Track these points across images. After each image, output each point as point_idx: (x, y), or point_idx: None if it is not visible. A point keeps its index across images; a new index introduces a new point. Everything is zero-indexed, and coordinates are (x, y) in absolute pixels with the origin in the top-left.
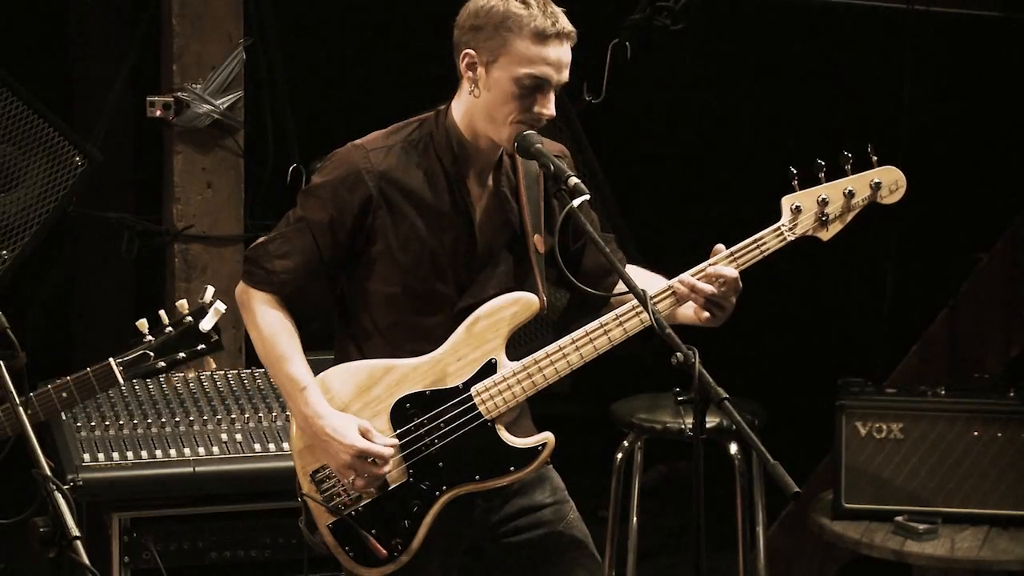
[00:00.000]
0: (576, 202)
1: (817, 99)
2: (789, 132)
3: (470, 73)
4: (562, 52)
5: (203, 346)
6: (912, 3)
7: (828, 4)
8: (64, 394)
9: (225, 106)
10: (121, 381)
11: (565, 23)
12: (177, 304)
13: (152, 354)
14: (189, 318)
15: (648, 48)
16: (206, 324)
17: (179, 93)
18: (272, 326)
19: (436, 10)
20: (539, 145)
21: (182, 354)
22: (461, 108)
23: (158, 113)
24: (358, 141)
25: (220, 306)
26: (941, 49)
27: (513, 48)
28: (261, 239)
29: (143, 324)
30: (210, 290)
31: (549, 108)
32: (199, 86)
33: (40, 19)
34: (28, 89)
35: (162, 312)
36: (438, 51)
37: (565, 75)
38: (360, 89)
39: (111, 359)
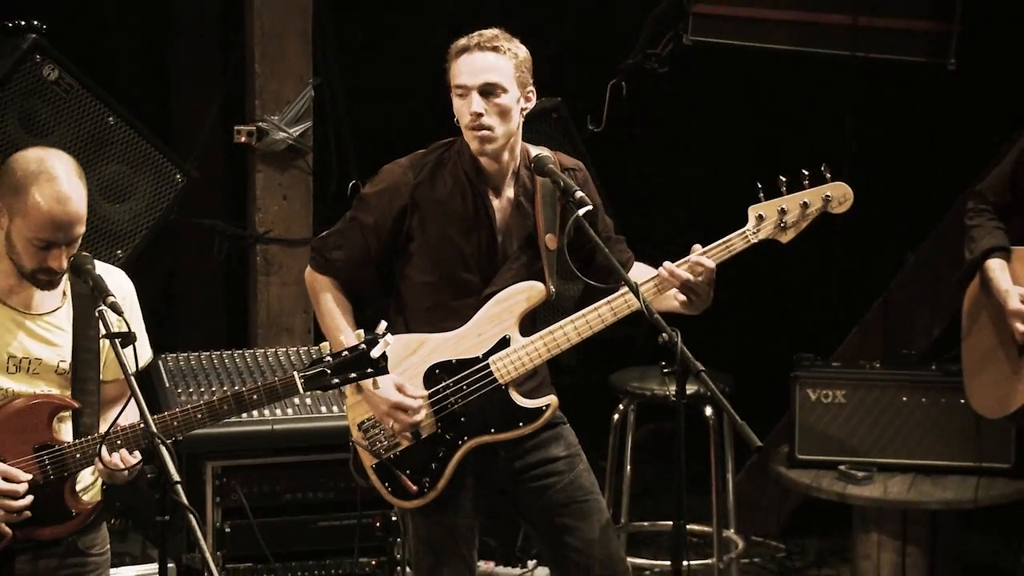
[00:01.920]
0: (581, 211)
1: (777, 126)
2: (755, 152)
3: None
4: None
5: (371, 369)
6: (854, 51)
7: (787, 51)
8: (255, 396)
9: (297, 134)
10: (301, 391)
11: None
12: (355, 332)
13: (330, 372)
14: (363, 345)
15: (640, 87)
16: (376, 352)
17: (260, 123)
18: (330, 303)
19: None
20: (551, 165)
21: (353, 374)
22: None
23: (243, 139)
24: (400, 160)
25: (390, 338)
26: (878, 87)
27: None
28: (324, 233)
29: (325, 347)
30: (383, 324)
31: (472, 113)
32: (276, 117)
33: (146, 63)
34: (138, 119)
35: (334, 334)
36: None
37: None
38: (407, 119)
39: (295, 373)
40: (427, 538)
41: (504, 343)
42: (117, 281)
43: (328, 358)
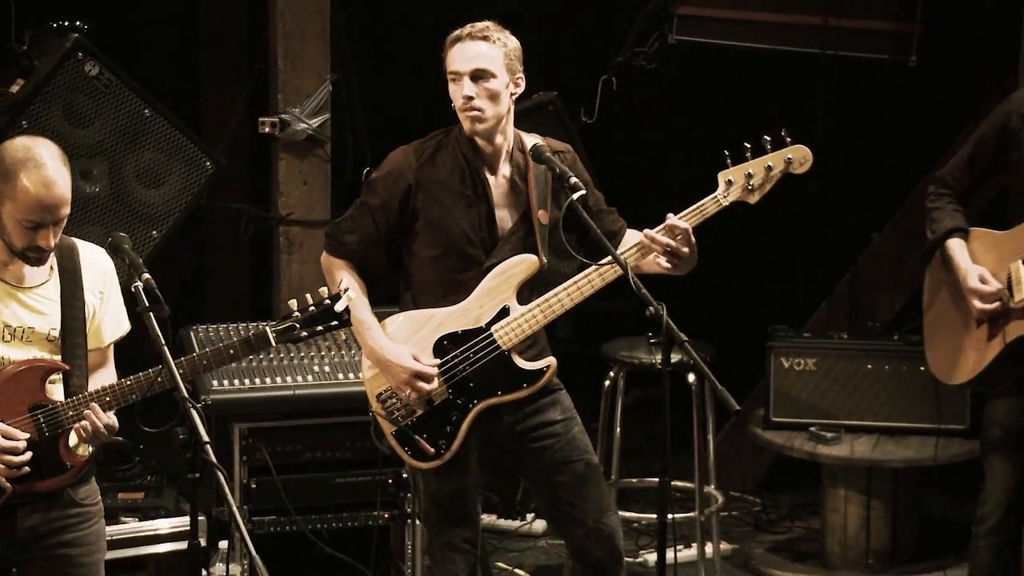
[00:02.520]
0: (575, 196)
1: (754, 117)
2: (733, 139)
3: None
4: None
5: (336, 323)
6: (825, 50)
7: (764, 49)
8: (231, 351)
9: (316, 125)
10: (273, 345)
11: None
12: (319, 290)
13: (299, 326)
14: (328, 301)
15: (629, 82)
16: (339, 307)
17: (282, 115)
18: (344, 282)
19: None
20: (547, 154)
21: (319, 327)
22: None
23: (267, 130)
24: (403, 146)
25: (351, 294)
26: (846, 82)
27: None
28: (336, 220)
29: (293, 303)
30: (345, 282)
31: (464, 96)
32: (297, 110)
33: (179, 60)
34: (171, 111)
35: (308, 295)
36: None
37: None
38: (416, 110)
39: (267, 327)
40: (436, 495)
41: (504, 312)
42: (98, 258)
43: (296, 313)
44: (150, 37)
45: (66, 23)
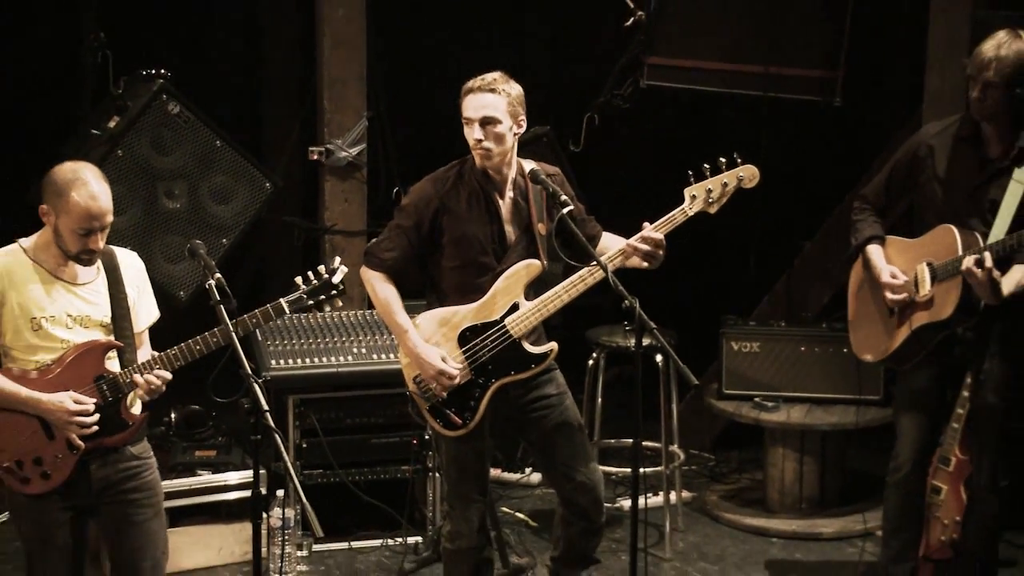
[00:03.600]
0: (565, 211)
1: (709, 144)
2: (692, 163)
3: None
4: (476, 104)
5: (335, 292)
6: (766, 91)
7: (717, 91)
8: (254, 320)
9: (355, 153)
10: (287, 313)
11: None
12: (319, 268)
13: (305, 297)
14: (326, 275)
15: (609, 118)
16: (336, 279)
17: (328, 145)
18: (385, 293)
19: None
20: (542, 176)
21: (322, 297)
22: None
23: (315, 157)
24: (426, 178)
25: (344, 268)
26: (783, 118)
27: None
28: (374, 240)
29: (299, 279)
30: (338, 259)
31: (475, 139)
32: (339, 141)
33: (244, 101)
34: (237, 142)
35: (310, 272)
36: None
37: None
38: (435, 141)
39: (281, 299)
40: (456, 456)
41: (515, 308)
42: (132, 260)
43: (303, 286)
44: (221, 81)
45: (153, 71)
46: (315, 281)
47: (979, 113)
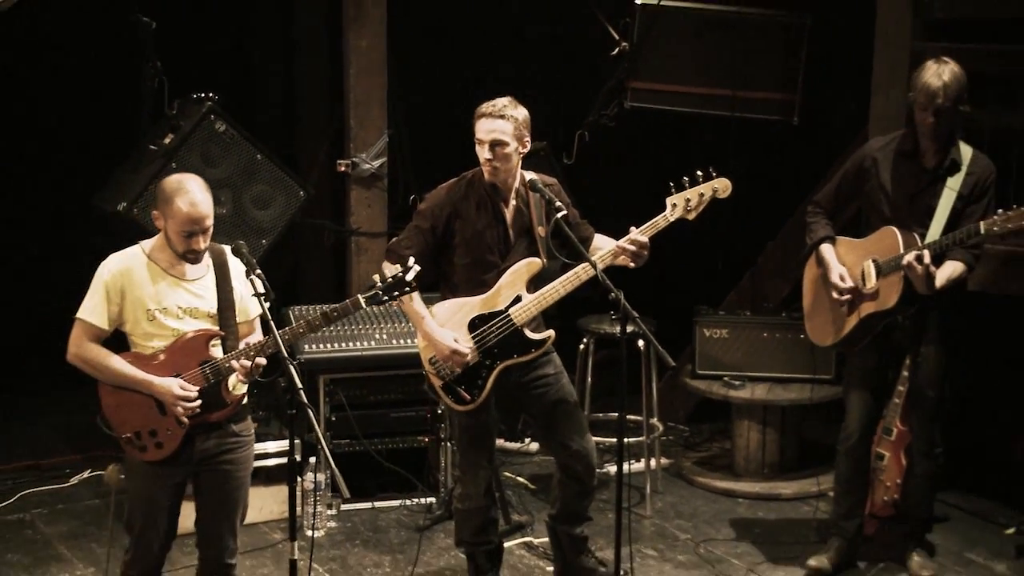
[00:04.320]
0: (559, 215)
1: (684, 159)
2: (669, 174)
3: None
4: (487, 128)
5: (408, 288)
6: (735, 112)
7: (692, 112)
8: (335, 313)
9: (377, 166)
10: (364, 307)
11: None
12: (393, 265)
13: (381, 292)
14: (400, 273)
15: (597, 135)
16: (409, 276)
17: (353, 159)
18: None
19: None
20: (540, 185)
21: (395, 293)
22: None
23: (342, 169)
24: (441, 186)
25: (417, 267)
26: (748, 135)
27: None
28: (395, 239)
29: (376, 277)
30: (411, 260)
31: (485, 158)
32: (364, 155)
33: (282, 120)
34: (275, 155)
35: (385, 271)
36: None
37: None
38: (447, 155)
39: (359, 295)
40: (466, 427)
41: (517, 299)
42: (235, 262)
43: (379, 283)
44: (261, 103)
45: (202, 95)
46: (389, 279)
47: (934, 134)
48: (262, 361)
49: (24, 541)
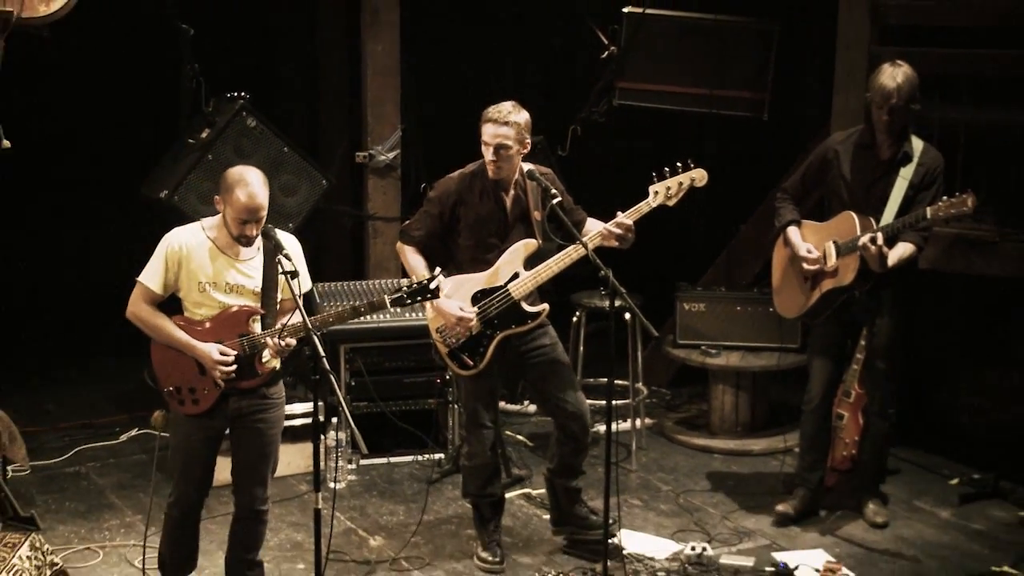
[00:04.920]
0: (554, 201)
1: (666, 150)
2: (654, 163)
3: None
4: (492, 133)
5: (430, 295)
6: (712, 109)
7: (674, 109)
8: (362, 308)
9: (391, 157)
10: (389, 307)
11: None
12: (420, 273)
13: (405, 295)
14: (426, 280)
15: (588, 129)
16: (433, 285)
17: (370, 151)
18: (415, 260)
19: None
20: (537, 175)
21: (419, 298)
22: None
23: (360, 160)
24: (450, 175)
25: (442, 278)
26: (724, 129)
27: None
28: (407, 221)
29: (403, 281)
30: (438, 269)
31: (489, 159)
32: (379, 148)
33: (306, 117)
34: (301, 148)
35: (414, 276)
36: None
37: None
38: (455, 148)
39: (385, 296)
40: (471, 390)
41: (516, 276)
42: (292, 242)
43: (405, 288)
44: (288, 102)
45: (235, 94)
46: (415, 284)
47: (888, 130)
48: (292, 342)
49: (80, 491)
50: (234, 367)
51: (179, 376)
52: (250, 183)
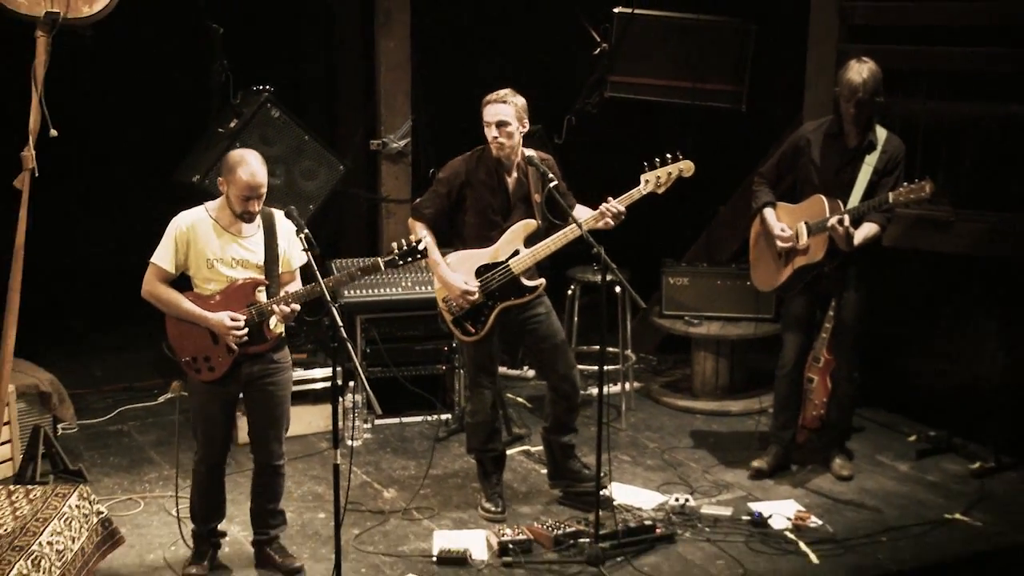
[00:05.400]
0: (551, 185)
1: (653, 139)
2: (642, 151)
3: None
4: (493, 111)
5: (420, 256)
6: (694, 100)
7: (659, 100)
8: (360, 271)
9: (403, 145)
10: (383, 270)
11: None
12: (411, 236)
13: (397, 257)
14: (415, 243)
15: (582, 120)
16: (421, 247)
17: (384, 139)
18: (425, 238)
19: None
20: (536, 160)
21: (409, 258)
22: None
23: (375, 147)
24: (458, 157)
25: (428, 241)
26: (705, 120)
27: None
28: (418, 199)
29: (394, 245)
30: (425, 232)
31: (492, 137)
32: (392, 136)
33: (324, 109)
34: (320, 137)
35: (403, 240)
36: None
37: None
38: (460, 135)
39: (379, 259)
40: (474, 355)
41: (516, 253)
42: (284, 222)
43: (396, 251)
44: (308, 94)
45: (261, 87)
46: (405, 247)
47: (855, 121)
48: (296, 307)
49: (122, 447)
50: (245, 331)
51: (194, 347)
52: (250, 163)
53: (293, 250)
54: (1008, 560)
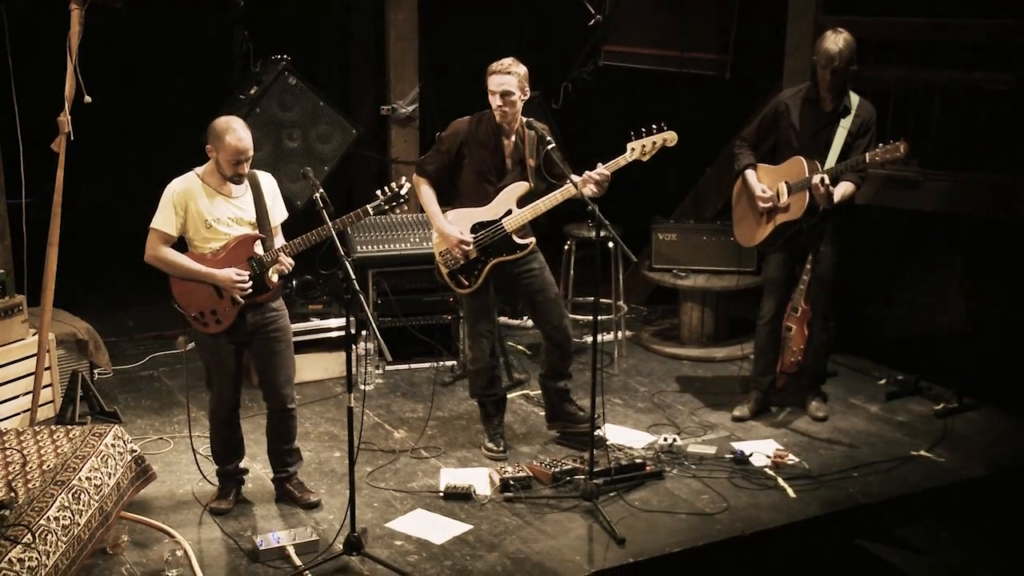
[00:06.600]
0: (549, 147)
1: (644, 107)
2: (634, 118)
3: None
4: (498, 81)
5: (403, 201)
6: (682, 68)
7: (651, 69)
8: (351, 219)
9: (411, 110)
10: (371, 214)
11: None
12: (393, 183)
13: (383, 202)
14: (397, 189)
15: (578, 87)
16: (402, 191)
17: (394, 105)
18: (427, 192)
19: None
20: (536, 124)
21: (394, 204)
22: None
23: (385, 112)
24: (461, 119)
25: (408, 185)
26: (693, 86)
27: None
28: (422, 157)
29: (379, 193)
30: (404, 179)
31: (496, 105)
32: (401, 102)
33: (339, 78)
34: (335, 102)
35: (386, 187)
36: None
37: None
38: (465, 101)
39: (368, 206)
40: (472, 307)
41: (509, 212)
42: (268, 179)
43: (381, 197)
44: (324, 63)
45: (279, 56)
46: (389, 193)
47: (831, 88)
48: (290, 261)
49: (153, 391)
50: (250, 284)
51: (199, 302)
52: (236, 129)
53: (275, 206)
54: (967, 492)
